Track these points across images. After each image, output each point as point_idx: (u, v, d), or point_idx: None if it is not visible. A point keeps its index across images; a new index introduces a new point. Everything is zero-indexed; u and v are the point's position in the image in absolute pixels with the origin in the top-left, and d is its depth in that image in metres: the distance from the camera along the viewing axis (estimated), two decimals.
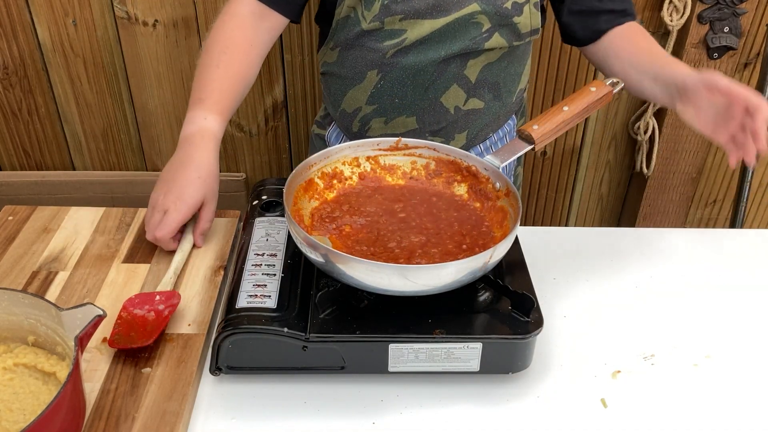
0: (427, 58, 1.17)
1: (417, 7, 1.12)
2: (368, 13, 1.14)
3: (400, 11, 1.12)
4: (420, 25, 1.14)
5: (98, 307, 0.76)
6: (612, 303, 1.02)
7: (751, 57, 1.86)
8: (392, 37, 1.15)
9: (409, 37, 1.15)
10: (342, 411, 0.85)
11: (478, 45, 1.16)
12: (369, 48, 1.18)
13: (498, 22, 1.14)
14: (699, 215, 2.18)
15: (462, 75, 1.19)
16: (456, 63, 1.18)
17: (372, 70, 1.20)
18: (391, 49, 1.16)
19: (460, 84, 1.20)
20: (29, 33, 1.79)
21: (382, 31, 1.15)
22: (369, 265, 0.80)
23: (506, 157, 0.98)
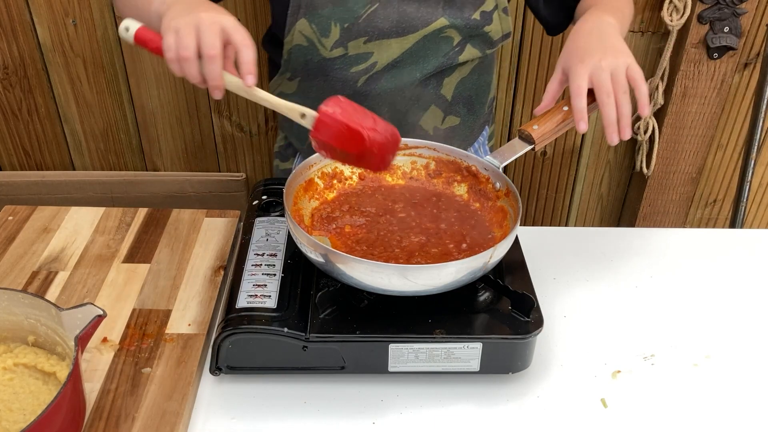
0: (402, 82, 1.12)
1: (381, 26, 1.07)
2: (327, 39, 1.08)
3: (363, 32, 1.07)
4: (387, 45, 1.09)
5: (98, 307, 0.76)
6: (612, 303, 1.02)
7: (751, 57, 1.86)
8: (359, 62, 1.10)
9: (378, 60, 1.09)
10: (342, 411, 0.85)
11: (452, 60, 1.12)
12: (335, 78, 1.11)
13: (468, 34, 1.11)
14: (699, 215, 2.18)
15: (439, 95, 1.16)
16: (433, 83, 1.14)
17: None
18: (362, 76, 1.11)
19: (437, 104, 1.17)
20: (29, 33, 1.79)
21: (346, 57, 1.09)
22: (369, 265, 0.80)
23: (506, 157, 0.98)
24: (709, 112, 1.90)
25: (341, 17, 1.06)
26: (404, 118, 1.16)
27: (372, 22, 1.07)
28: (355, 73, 1.11)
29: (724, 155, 2.05)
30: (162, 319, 0.93)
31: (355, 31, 1.07)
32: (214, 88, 0.83)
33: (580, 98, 0.92)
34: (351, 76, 1.11)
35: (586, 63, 0.93)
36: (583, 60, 0.93)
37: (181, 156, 2.02)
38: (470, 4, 1.09)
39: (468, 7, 1.09)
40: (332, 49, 1.09)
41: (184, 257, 1.05)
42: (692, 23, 1.75)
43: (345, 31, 1.07)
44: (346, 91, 1.12)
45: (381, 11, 1.07)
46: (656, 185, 2.02)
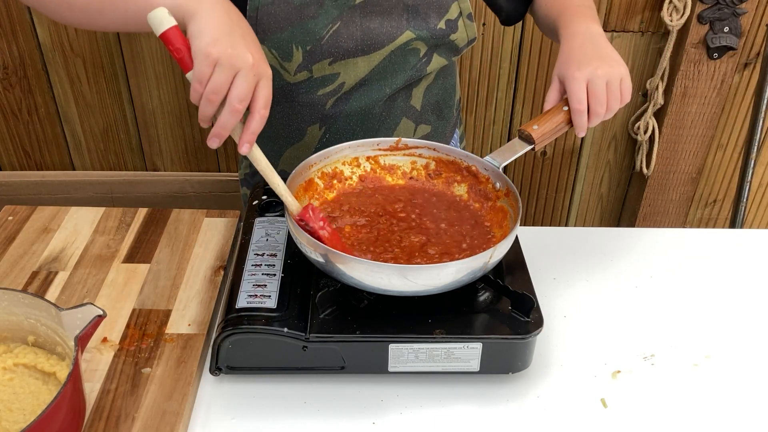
0: (371, 99, 1.09)
1: (345, 46, 1.04)
2: (289, 64, 1.04)
3: (327, 54, 1.04)
4: (354, 65, 1.05)
5: (98, 307, 0.76)
6: (612, 303, 1.02)
7: (751, 57, 1.87)
8: (326, 84, 1.06)
9: (346, 81, 1.06)
10: (342, 411, 0.85)
11: (420, 72, 1.10)
12: (302, 102, 1.08)
13: (434, 44, 1.09)
14: (699, 215, 2.18)
15: (409, 106, 1.14)
16: (402, 96, 1.12)
17: (312, 125, 1.11)
18: (330, 98, 1.08)
19: (408, 116, 1.15)
20: (29, 33, 1.79)
21: (312, 81, 1.05)
22: (369, 265, 0.80)
23: (506, 157, 0.98)
24: (709, 112, 1.90)
25: (302, 39, 1.03)
26: (377, 134, 1.14)
27: (336, 42, 1.04)
28: (322, 95, 1.08)
29: (724, 155, 2.05)
30: (162, 319, 0.93)
31: (319, 53, 1.04)
32: (216, 136, 0.82)
33: (581, 115, 0.93)
34: (318, 99, 1.08)
35: (582, 70, 0.93)
36: (579, 68, 0.94)
37: (181, 156, 2.02)
38: (434, 14, 1.07)
39: (432, 17, 1.07)
40: (296, 74, 1.05)
41: (184, 257, 1.05)
42: (692, 23, 1.75)
43: (308, 54, 1.03)
44: (314, 114, 1.10)
45: (344, 30, 1.04)
46: (656, 185, 2.02)
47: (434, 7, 1.07)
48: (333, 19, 1.03)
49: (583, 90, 0.93)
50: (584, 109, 0.93)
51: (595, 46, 0.98)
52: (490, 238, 0.94)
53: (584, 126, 0.94)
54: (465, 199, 1.01)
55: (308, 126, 1.11)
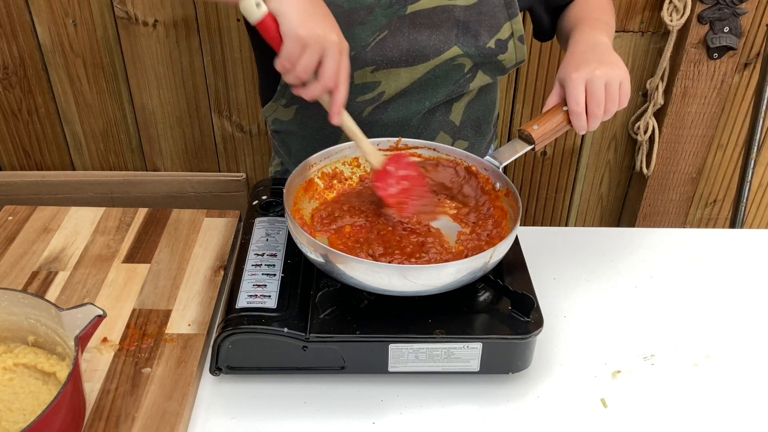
0: (410, 111, 1.08)
1: (390, 55, 1.02)
2: None
3: (371, 62, 1.02)
4: (396, 75, 1.04)
5: (98, 307, 0.76)
6: (612, 303, 1.02)
7: (751, 57, 1.87)
8: (365, 92, 1.05)
9: (386, 90, 1.05)
10: (342, 411, 0.85)
11: (462, 88, 1.09)
12: None
13: (481, 61, 1.08)
14: (699, 215, 2.18)
15: (447, 121, 1.13)
16: (441, 110, 1.11)
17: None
18: (368, 106, 1.07)
19: (446, 130, 1.14)
20: (29, 33, 1.79)
21: (351, 87, 1.03)
22: (369, 265, 0.80)
23: (506, 157, 0.98)
24: (709, 112, 1.90)
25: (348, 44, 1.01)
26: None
27: (381, 50, 1.02)
28: (360, 102, 1.07)
29: (724, 155, 2.05)
30: (162, 319, 0.93)
31: (362, 60, 1.03)
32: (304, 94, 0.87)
33: (580, 117, 0.93)
34: (356, 105, 1.07)
35: (581, 72, 0.93)
36: (578, 69, 0.93)
37: (181, 156, 2.02)
38: (485, 32, 1.05)
39: (483, 35, 1.05)
40: None
41: (184, 257, 1.05)
42: (692, 23, 1.75)
43: (351, 60, 1.00)
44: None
45: (390, 39, 1.02)
46: (656, 185, 2.02)
47: (486, 26, 1.05)
48: (381, 27, 1.02)
49: (582, 91, 0.92)
50: (581, 111, 0.93)
51: (597, 52, 0.98)
52: (490, 238, 0.94)
53: (583, 127, 0.94)
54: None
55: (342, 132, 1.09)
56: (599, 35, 1.02)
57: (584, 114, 0.93)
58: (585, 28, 1.05)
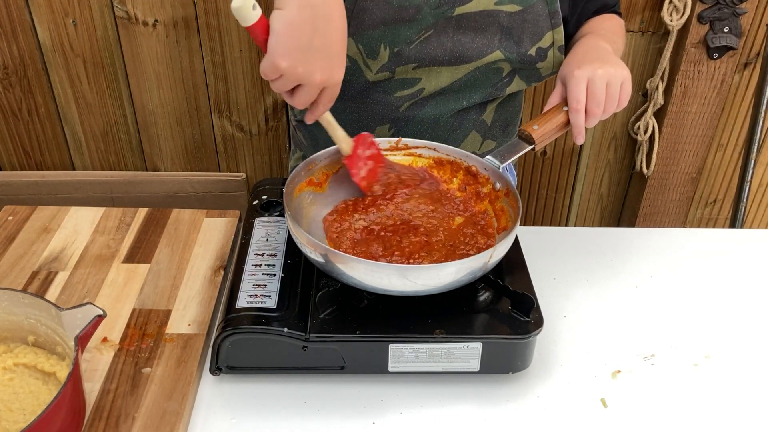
0: (446, 109, 1.10)
1: (433, 53, 1.04)
2: (374, 62, 1.04)
3: (414, 59, 1.04)
4: (437, 73, 1.05)
5: (98, 307, 0.76)
6: (612, 303, 1.02)
7: (751, 57, 1.87)
8: (405, 87, 1.06)
9: (426, 87, 1.07)
10: (342, 411, 0.85)
11: (499, 91, 1.10)
12: (377, 101, 1.08)
13: (519, 67, 1.09)
14: (699, 215, 2.18)
15: (480, 120, 1.14)
16: (475, 110, 1.12)
17: (382, 125, 1.11)
18: (406, 101, 1.08)
19: (478, 130, 1.15)
20: (29, 33, 1.79)
21: (392, 81, 1.06)
22: (369, 265, 0.80)
23: (506, 157, 0.98)
24: (709, 112, 1.90)
25: (392, 41, 1.02)
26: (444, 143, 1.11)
27: (425, 48, 1.04)
28: (399, 97, 1.08)
29: (724, 155, 2.05)
30: (162, 319, 0.93)
31: (405, 57, 1.04)
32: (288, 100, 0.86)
33: (579, 114, 0.93)
34: (394, 100, 1.08)
35: (583, 69, 0.93)
36: (580, 66, 0.93)
37: (181, 156, 2.02)
38: (528, 39, 1.07)
39: (525, 42, 1.07)
40: (377, 72, 1.05)
41: (184, 257, 1.05)
42: (692, 23, 1.75)
43: (394, 56, 1.03)
44: (387, 114, 1.10)
45: (435, 39, 1.04)
46: (656, 185, 2.02)
47: (529, 33, 1.06)
48: (427, 26, 1.02)
49: (583, 89, 0.92)
50: (581, 108, 0.93)
51: (600, 53, 0.98)
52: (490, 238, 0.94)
53: (581, 125, 0.94)
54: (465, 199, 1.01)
55: (377, 125, 1.11)
56: (604, 43, 1.03)
57: (583, 112, 0.93)
58: (592, 36, 1.06)
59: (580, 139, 0.94)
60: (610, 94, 0.92)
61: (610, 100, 0.93)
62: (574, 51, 1.01)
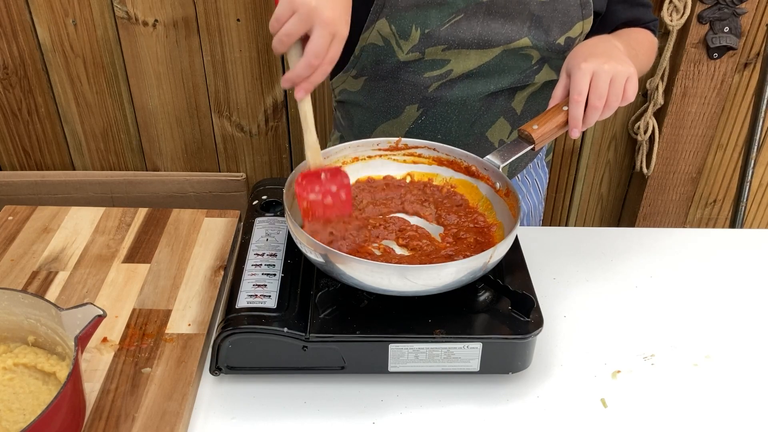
0: (474, 92, 1.11)
1: (462, 36, 1.05)
2: (405, 42, 1.06)
3: (444, 41, 1.06)
4: (465, 56, 1.07)
5: (98, 307, 0.76)
6: (612, 303, 1.02)
7: (751, 57, 1.87)
8: (434, 68, 1.08)
9: (455, 69, 1.08)
10: (342, 411, 0.85)
11: (528, 78, 1.11)
12: (407, 81, 1.10)
13: (549, 56, 1.10)
14: (699, 215, 2.18)
15: (509, 107, 1.14)
16: (504, 96, 1.13)
17: (411, 105, 1.13)
18: (435, 82, 1.09)
19: (506, 117, 1.15)
20: (29, 33, 1.79)
21: (421, 62, 1.08)
22: (369, 265, 0.80)
23: (506, 157, 0.98)
24: (709, 112, 1.90)
25: (423, 22, 1.05)
26: (471, 128, 1.15)
27: (454, 31, 1.05)
28: (428, 78, 1.10)
29: (724, 155, 2.05)
30: (162, 319, 0.93)
31: (435, 38, 1.06)
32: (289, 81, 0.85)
33: (578, 106, 0.92)
34: (423, 80, 1.10)
35: (589, 62, 0.92)
36: (587, 59, 0.93)
37: (181, 156, 2.02)
38: (557, 28, 1.07)
39: (554, 31, 1.07)
40: (408, 53, 1.07)
41: (184, 257, 1.05)
42: (692, 23, 1.75)
43: (425, 37, 1.05)
44: (416, 94, 1.11)
45: (465, 23, 1.05)
46: (656, 185, 2.02)
47: (558, 22, 1.07)
48: (458, 10, 1.05)
49: (586, 82, 0.92)
50: (582, 101, 0.91)
51: (607, 47, 0.98)
52: (490, 238, 0.94)
53: (579, 118, 0.92)
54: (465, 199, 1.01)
55: (407, 105, 1.13)
56: (617, 42, 1.02)
57: (583, 104, 0.92)
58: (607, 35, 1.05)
59: (575, 133, 0.93)
60: (614, 90, 0.92)
61: (613, 96, 0.92)
62: (584, 43, 1.01)
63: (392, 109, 1.15)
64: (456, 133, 1.14)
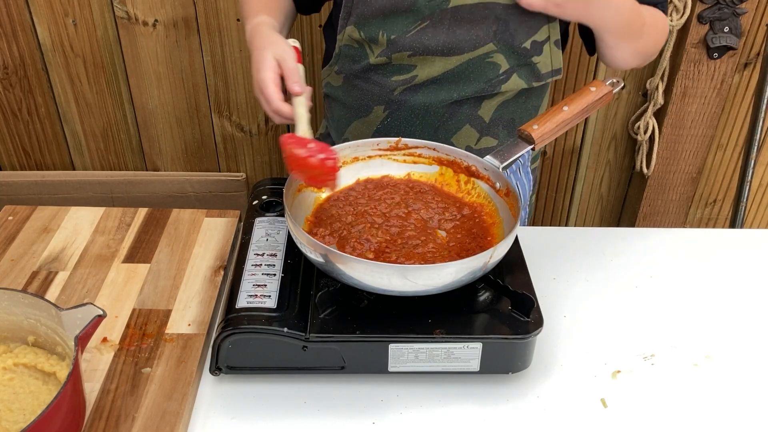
0: (437, 98, 1.12)
1: (427, 44, 1.07)
2: (375, 47, 1.10)
3: (408, 47, 1.08)
4: (431, 62, 1.09)
5: (98, 307, 0.76)
6: (612, 303, 1.02)
7: (751, 57, 1.86)
8: (400, 73, 1.11)
9: (419, 75, 1.10)
10: (342, 411, 0.85)
11: (494, 87, 1.11)
12: (375, 82, 1.13)
13: (516, 63, 1.10)
14: (699, 215, 2.18)
15: (475, 116, 1.15)
16: (469, 104, 1.14)
17: (378, 106, 1.16)
18: (400, 86, 1.12)
19: (472, 124, 1.16)
20: (29, 33, 1.79)
21: (389, 66, 1.11)
22: (369, 265, 0.80)
23: (506, 157, 0.98)
24: (709, 112, 1.90)
25: (390, 29, 1.07)
26: (435, 133, 1.16)
27: (419, 38, 1.07)
28: (394, 81, 1.12)
29: (724, 155, 2.05)
30: (162, 319, 0.93)
31: (401, 45, 1.08)
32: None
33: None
34: (390, 83, 1.13)
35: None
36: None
37: (181, 156, 2.02)
38: (523, 32, 1.08)
39: (520, 35, 1.08)
40: (377, 57, 1.10)
41: (184, 257, 1.05)
42: (692, 23, 1.75)
43: (391, 43, 1.08)
44: (384, 96, 1.14)
45: (430, 30, 1.07)
46: (656, 185, 2.02)
47: (524, 26, 1.07)
48: (423, 17, 1.06)
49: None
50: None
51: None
52: (490, 238, 0.94)
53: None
54: (465, 199, 1.01)
55: (375, 105, 1.16)
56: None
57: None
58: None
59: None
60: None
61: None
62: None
63: (363, 107, 1.18)
64: (420, 136, 1.13)
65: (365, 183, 1.03)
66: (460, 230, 0.96)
